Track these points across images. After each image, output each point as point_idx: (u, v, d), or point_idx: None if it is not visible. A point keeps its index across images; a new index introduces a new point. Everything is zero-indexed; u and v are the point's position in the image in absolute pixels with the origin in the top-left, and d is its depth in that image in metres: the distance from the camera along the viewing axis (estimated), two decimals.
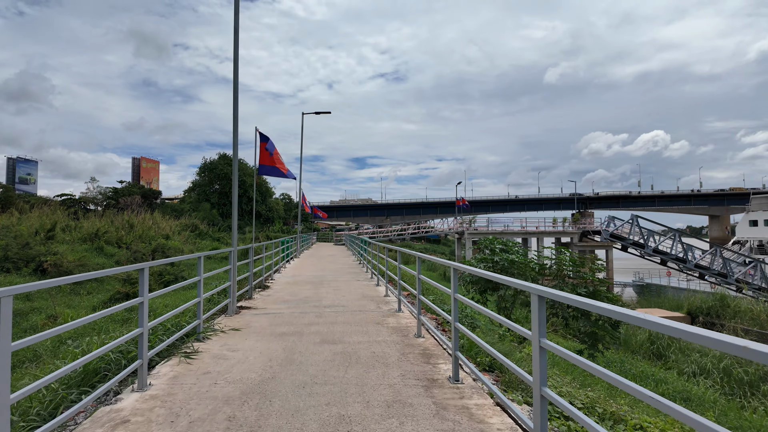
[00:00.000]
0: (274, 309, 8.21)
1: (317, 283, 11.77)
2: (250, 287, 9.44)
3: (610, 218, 36.21)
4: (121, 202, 54.25)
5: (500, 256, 10.14)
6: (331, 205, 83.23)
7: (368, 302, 8.90)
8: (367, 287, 11.10)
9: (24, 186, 79.69)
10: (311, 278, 13.00)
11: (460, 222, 35.99)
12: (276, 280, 12.37)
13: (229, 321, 7.21)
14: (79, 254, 29.85)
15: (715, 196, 78.60)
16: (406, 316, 7.56)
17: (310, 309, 8.18)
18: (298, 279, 12.82)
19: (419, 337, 6.13)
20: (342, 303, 8.78)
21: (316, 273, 14.42)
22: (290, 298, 9.38)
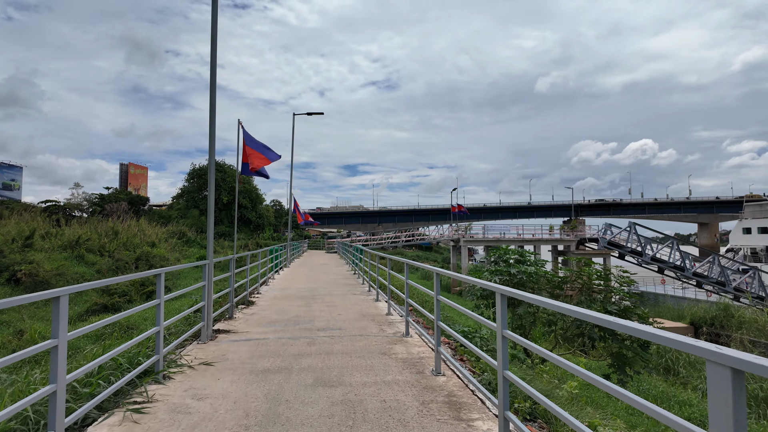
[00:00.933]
0: (257, 333, 6.83)
1: (309, 298, 10.40)
2: (230, 305, 8.04)
3: (606, 226, 35.27)
4: (106, 209, 52.31)
5: (516, 268, 8.88)
6: (322, 212, 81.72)
7: (369, 323, 7.55)
8: (366, 303, 9.75)
9: (8, 192, 77.14)
10: (302, 292, 11.62)
11: (455, 229, 34.80)
12: (263, 295, 10.97)
13: (201, 351, 5.82)
14: (58, 263, 28.08)
15: (705, 204, 78.52)
16: (416, 343, 6.23)
17: (300, 333, 6.81)
18: (287, 293, 11.42)
19: (439, 375, 4.81)
20: (338, 324, 7.42)
21: (307, 285, 13.02)
22: (277, 318, 8.00)
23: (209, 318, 6.47)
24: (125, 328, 15.71)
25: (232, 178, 59.78)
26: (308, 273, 17.03)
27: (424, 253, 70.09)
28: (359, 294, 11.22)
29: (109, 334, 15.92)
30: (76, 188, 52.14)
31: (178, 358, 5.39)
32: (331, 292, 11.59)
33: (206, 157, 63.01)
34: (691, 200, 79.83)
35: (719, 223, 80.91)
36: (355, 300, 10.15)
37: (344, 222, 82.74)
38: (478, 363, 6.12)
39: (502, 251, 9.50)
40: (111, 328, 15.60)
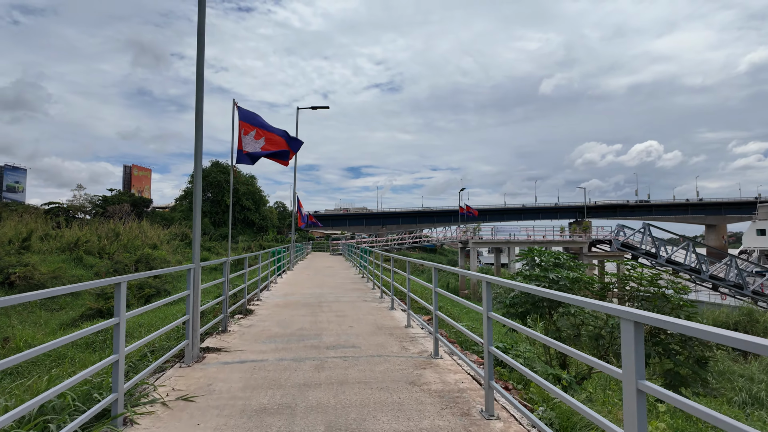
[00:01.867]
0: (254, 352, 5.58)
1: (315, 306, 9.16)
2: (224, 316, 6.80)
3: (619, 227, 33.90)
4: (108, 211, 51.29)
5: (557, 273, 7.61)
6: (326, 214, 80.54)
7: (387, 338, 6.30)
8: (380, 312, 8.50)
9: (11, 194, 76.32)
10: (307, 298, 10.38)
11: (463, 230, 33.46)
12: (263, 302, 9.73)
13: (182, 378, 4.59)
14: (55, 265, 26.97)
15: (713, 206, 76.88)
16: (449, 367, 4.98)
17: (306, 352, 5.56)
18: (291, 299, 10.19)
19: (492, 418, 3.56)
20: (351, 341, 6.17)
21: (313, 290, 11.78)
22: (279, 332, 6.76)
23: (195, 335, 5.24)
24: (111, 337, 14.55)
25: (235, 180, 58.71)
26: (313, 276, 15.80)
27: (429, 255, 68.73)
28: (371, 301, 9.97)
29: (101, 341, 14.70)
30: (78, 190, 51.07)
31: (150, 389, 4.16)
32: (339, 298, 10.35)
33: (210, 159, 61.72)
34: (698, 202, 78.20)
35: (727, 224, 79.27)
36: (367, 308, 8.89)
37: (348, 224, 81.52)
38: (526, 390, 4.88)
39: (536, 253, 8.24)
40: (103, 335, 14.41)
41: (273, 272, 13.45)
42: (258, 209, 61.16)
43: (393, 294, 8.80)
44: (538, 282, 7.48)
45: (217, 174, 57.67)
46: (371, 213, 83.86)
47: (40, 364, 12.68)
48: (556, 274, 7.46)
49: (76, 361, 12.98)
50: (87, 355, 13.08)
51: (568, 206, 78.51)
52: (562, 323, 7.30)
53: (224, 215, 57.77)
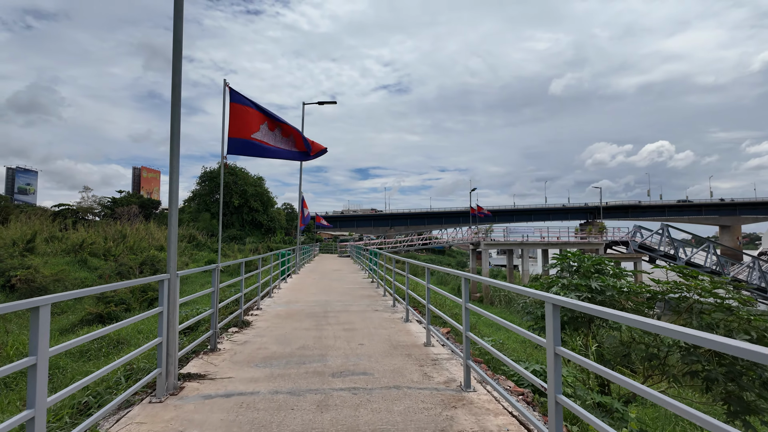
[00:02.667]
0: (244, 380, 4.54)
1: (320, 317, 8.10)
2: (213, 333, 5.76)
3: (636, 228, 32.47)
4: (116, 212, 50.77)
5: (603, 281, 6.47)
6: (334, 215, 79.66)
7: (405, 361, 5.22)
8: (393, 324, 7.42)
9: (23, 196, 76.51)
10: (312, 306, 9.33)
11: (475, 232, 32.22)
12: (263, 311, 8.70)
13: (147, 421, 3.55)
14: (59, 267, 26.25)
15: (727, 206, 74.82)
16: (487, 405, 3.89)
17: (307, 381, 4.50)
18: (294, 308, 9.14)
19: None
20: (362, 364, 5.10)
21: (318, 297, 10.74)
22: (277, 351, 5.71)
23: (170, 362, 4.20)
24: (115, 342, 13.57)
25: (243, 181, 58.01)
26: (319, 281, 14.75)
27: (437, 257, 67.50)
28: (382, 310, 8.89)
29: (96, 350, 13.77)
30: (86, 191, 50.62)
31: None
32: (347, 306, 9.29)
33: (218, 161, 61.10)
34: (712, 202, 76.14)
35: (741, 225, 77.19)
36: (378, 320, 7.82)
37: (356, 225, 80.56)
38: None
39: (574, 257, 7.09)
40: (99, 342, 13.51)
41: (276, 277, 12.44)
42: (266, 210, 60.43)
43: (408, 303, 7.71)
44: (579, 293, 6.36)
45: (226, 175, 57.03)
46: (379, 214, 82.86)
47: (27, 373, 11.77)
48: (600, 283, 6.34)
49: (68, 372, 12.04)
50: (80, 365, 12.17)
51: (578, 207, 76.89)
52: (609, 341, 6.18)
53: (232, 216, 57.02)
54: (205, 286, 22.55)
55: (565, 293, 6.50)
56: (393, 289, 9.30)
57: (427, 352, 5.68)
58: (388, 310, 8.93)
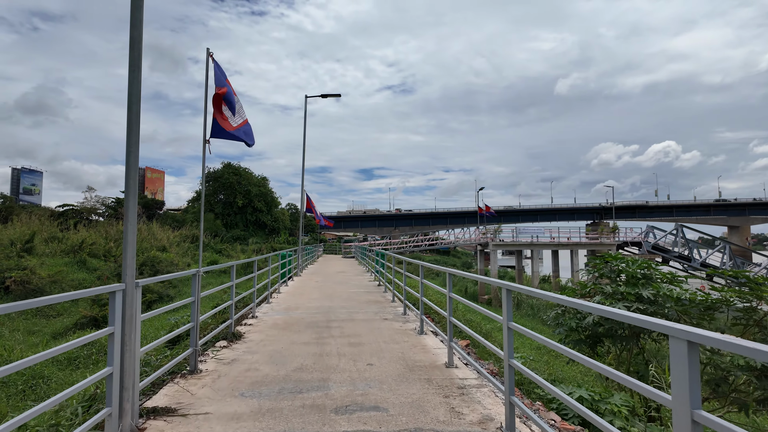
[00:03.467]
0: (223, 418, 3.52)
1: (323, 327, 7.09)
2: (192, 352, 4.77)
3: (649, 228, 31.27)
4: (119, 212, 50.01)
5: (656, 289, 5.43)
6: (338, 216, 78.73)
7: (424, 388, 4.20)
8: (405, 336, 6.40)
9: (28, 197, 76.05)
10: (314, 314, 8.33)
11: (483, 232, 31.11)
12: (259, 320, 7.70)
13: None
14: (56, 268, 25.41)
15: (736, 206, 73.24)
16: None
17: (303, 420, 3.48)
18: (293, 315, 8.14)
19: None
20: (372, 393, 4.07)
21: (321, 303, 9.73)
22: (269, 372, 4.70)
23: (124, 398, 3.20)
24: (105, 349, 12.63)
25: (248, 181, 57.20)
26: (322, 284, 13.74)
27: (442, 258, 66.34)
28: (392, 319, 7.87)
29: (86, 357, 12.88)
30: (89, 192, 49.88)
31: None
32: (352, 314, 8.27)
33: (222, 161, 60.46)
34: (721, 202, 74.60)
35: (750, 226, 75.60)
36: (388, 331, 6.80)
37: (360, 225, 79.58)
38: None
39: (614, 260, 6.02)
40: (89, 348, 12.61)
41: (275, 281, 11.45)
42: (270, 211, 59.58)
43: (422, 312, 6.68)
44: (627, 303, 5.30)
45: (229, 176, 56.22)
46: (384, 214, 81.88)
47: (11, 385, 10.86)
48: (652, 291, 5.28)
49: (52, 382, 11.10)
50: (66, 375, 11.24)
51: (585, 207, 75.58)
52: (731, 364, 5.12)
53: (236, 216, 56.20)
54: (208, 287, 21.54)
55: (610, 303, 5.46)
56: (404, 295, 8.27)
57: (450, 375, 4.65)
58: (398, 318, 7.91)
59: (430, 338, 6.36)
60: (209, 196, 57.71)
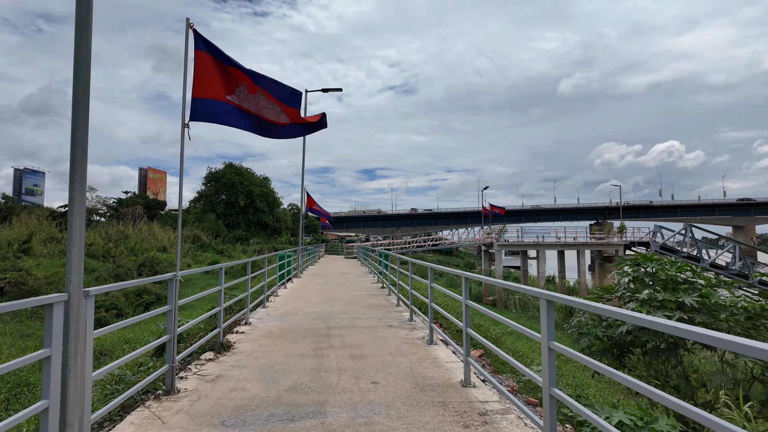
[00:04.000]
0: None
1: (321, 335, 6.41)
2: (168, 369, 4.08)
3: (657, 228, 30.48)
4: (121, 213, 49.49)
5: (706, 296, 4.70)
6: (340, 216, 78.08)
7: (440, 416, 3.49)
8: (413, 347, 5.71)
9: (30, 197, 75.68)
10: (312, 320, 7.64)
11: (487, 232, 30.35)
12: (253, 326, 7.02)
13: None
14: (53, 269, 24.81)
15: (741, 206, 72.26)
16: None
17: None
18: (290, 322, 7.45)
19: None
20: (378, 423, 3.35)
21: (320, 307, 9.04)
22: (258, 393, 4.02)
23: None
24: (96, 354, 11.95)
25: (249, 181, 56.64)
26: (323, 286, 13.05)
27: (445, 258, 65.61)
28: (397, 326, 7.18)
29: None
30: (90, 192, 49.33)
31: None
32: (354, 321, 7.58)
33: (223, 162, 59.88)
34: (726, 202, 73.60)
35: (756, 226, 74.63)
36: (394, 341, 6.10)
37: (362, 226, 78.92)
38: None
39: (648, 262, 5.28)
40: None
41: (273, 283, 10.77)
42: (272, 211, 59.00)
43: (432, 320, 5.97)
44: (668, 312, 4.58)
45: (231, 176, 55.66)
46: (386, 215, 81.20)
47: None
48: (696, 299, 4.55)
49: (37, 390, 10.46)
50: None
51: (588, 207, 74.72)
52: (719, 379, 4.43)
53: (238, 217, 55.60)
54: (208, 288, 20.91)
55: (647, 311, 4.75)
56: (410, 299, 7.56)
57: (468, 397, 3.95)
58: (404, 325, 7.22)
59: (440, 349, 5.67)
60: (210, 196, 57.11)
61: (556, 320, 22.10)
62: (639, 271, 5.43)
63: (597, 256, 31.19)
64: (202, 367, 4.84)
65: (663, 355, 4.80)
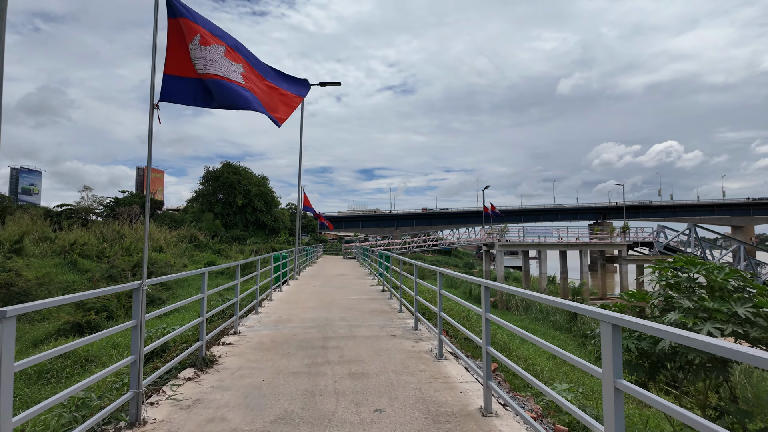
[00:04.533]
0: None
1: (317, 348, 5.72)
2: (133, 396, 3.40)
3: (660, 228, 29.88)
4: (117, 212, 48.71)
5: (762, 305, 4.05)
6: (339, 216, 77.40)
7: None
8: (422, 362, 5.03)
9: (27, 197, 74.83)
10: (308, 329, 6.96)
11: (488, 232, 29.69)
12: (242, 335, 6.34)
13: None
14: (45, 270, 24.09)
15: (740, 206, 71.81)
16: None
17: None
18: (283, 331, 6.77)
19: None
20: None
21: (317, 313, 8.36)
22: (239, 426, 3.32)
23: None
24: (83, 360, 11.27)
25: (247, 180, 55.90)
26: (320, 290, 12.36)
27: (444, 258, 64.93)
28: (401, 335, 6.50)
29: (59, 369, 11.50)
30: (85, 191, 48.56)
31: None
32: (353, 329, 6.90)
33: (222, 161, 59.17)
34: (725, 202, 73.12)
35: (755, 225, 74.24)
36: (399, 354, 5.41)
37: (361, 225, 78.25)
38: None
39: (690, 266, 4.61)
40: (63, 360, 11.24)
41: (266, 287, 10.08)
42: (270, 211, 58.27)
43: (441, 331, 5.28)
44: (719, 325, 3.96)
45: (229, 175, 54.92)
46: (385, 214, 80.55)
47: None
48: (751, 309, 3.92)
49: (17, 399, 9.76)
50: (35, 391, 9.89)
51: (587, 207, 74.16)
52: None
53: (236, 216, 54.85)
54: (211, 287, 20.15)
55: (694, 323, 4.09)
56: (415, 306, 6.88)
57: (491, 428, 3.28)
58: (409, 335, 6.54)
59: (452, 365, 4.99)
60: (208, 195, 56.35)
61: (560, 322, 21.37)
62: (679, 276, 4.79)
63: (599, 256, 30.55)
64: (179, 388, 4.16)
65: (710, 373, 4.16)
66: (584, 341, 17.14)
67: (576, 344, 17.73)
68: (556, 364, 9.66)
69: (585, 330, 18.00)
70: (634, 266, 29.39)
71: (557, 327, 20.87)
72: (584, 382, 7.80)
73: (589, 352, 15.48)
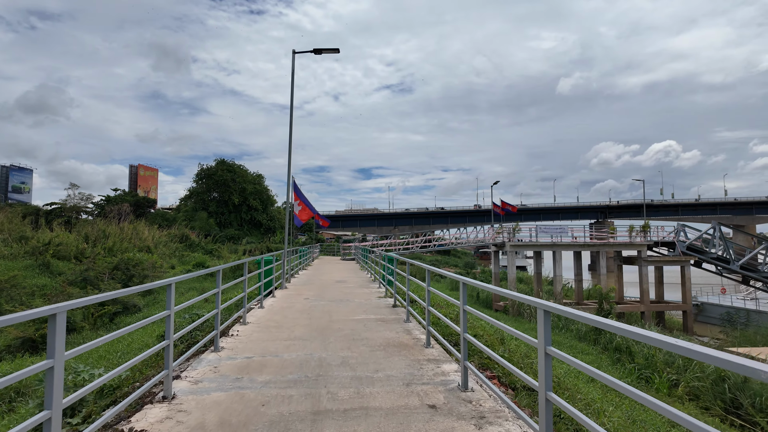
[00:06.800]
0: None
1: (308, 421, 3.01)
2: None
3: (680, 227, 27.34)
4: (106, 210, 45.78)
5: None
6: (337, 215, 74.65)
7: None
8: None
9: (18, 195, 71.59)
10: (287, 388, 4.22)
11: (498, 231, 27.00)
12: (172, 407, 3.62)
13: None
14: (12, 272, 21.21)
15: (742, 205, 69.58)
16: None
17: None
18: (246, 394, 4.04)
19: None
20: None
21: (305, 350, 5.61)
22: None
23: None
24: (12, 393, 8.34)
25: (242, 178, 53.06)
26: (314, 303, 9.56)
27: (443, 258, 62.32)
28: (443, 403, 3.79)
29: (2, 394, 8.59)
30: (72, 188, 45.59)
31: None
32: (362, 388, 4.17)
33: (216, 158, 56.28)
34: (727, 201, 70.86)
35: (756, 225, 72.06)
36: None
37: (359, 225, 75.54)
38: None
39: None
40: None
41: (240, 303, 7.32)
42: (266, 209, 55.51)
43: (481, 373, 2.61)
44: None
45: (224, 173, 52.05)
46: (383, 213, 77.86)
47: None
48: None
49: None
50: None
51: (588, 206, 71.79)
52: None
53: (231, 215, 52.00)
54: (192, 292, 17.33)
55: None
56: (464, 348, 4.12)
57: None
58: (459, 401, 3.81)
59: None
60: (202, 194, 53.47)
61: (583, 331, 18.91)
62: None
63: (616, 256, 27.99)
64: None
65: None
66: (620, 356, 14.44)
67: (609, 361, 14.92)
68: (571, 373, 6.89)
69: (618, 343, 15.32)
70: (653, 267, 26.84)
71: (581, 337, 18.21)
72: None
73: (629, 371, 12.74)
